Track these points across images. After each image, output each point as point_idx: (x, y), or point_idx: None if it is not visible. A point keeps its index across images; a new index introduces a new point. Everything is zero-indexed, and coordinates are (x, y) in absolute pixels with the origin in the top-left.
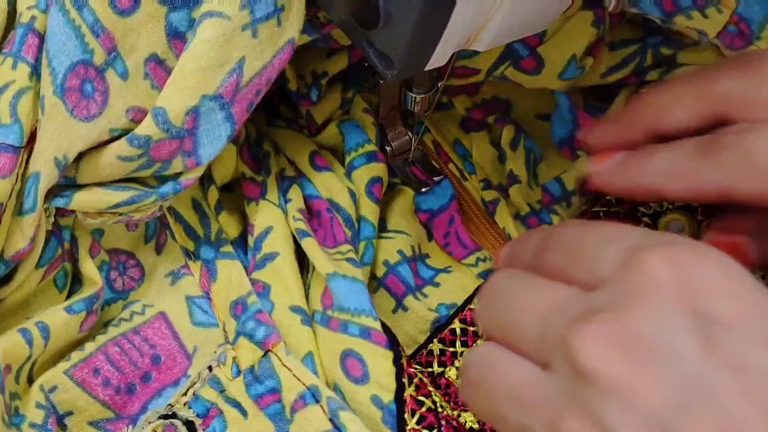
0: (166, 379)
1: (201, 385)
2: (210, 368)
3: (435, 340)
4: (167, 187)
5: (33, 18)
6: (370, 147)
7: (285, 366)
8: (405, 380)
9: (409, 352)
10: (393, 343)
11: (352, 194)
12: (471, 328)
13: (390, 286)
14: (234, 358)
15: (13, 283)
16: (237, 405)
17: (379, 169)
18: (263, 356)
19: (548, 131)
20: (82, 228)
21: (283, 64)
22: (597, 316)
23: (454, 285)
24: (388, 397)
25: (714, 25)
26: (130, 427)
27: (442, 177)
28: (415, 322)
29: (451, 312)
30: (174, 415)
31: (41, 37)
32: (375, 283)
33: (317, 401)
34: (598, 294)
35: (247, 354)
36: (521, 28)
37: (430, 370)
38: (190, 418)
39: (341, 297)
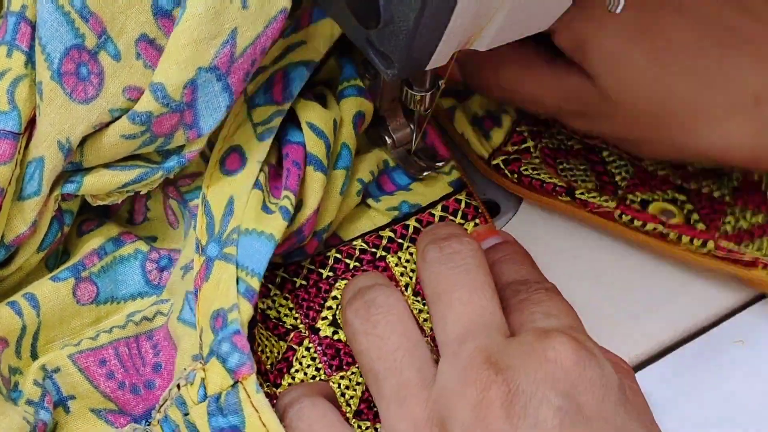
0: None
1: (170, 403)
2: (178, 386)
3: (387, 228)
4: (172, 162)
5: (24, 6)
6: (363, 83)
7: (252, 405)
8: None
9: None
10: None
11: (335, 123)
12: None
13: (380, 187)
14: (202, 379)
15: (12, 266)
16: None
17: (366, 105)
18: (232, 387)
19: None
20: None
21: (276, 33)
22: (496, 369)
23: (424, 190)
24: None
25: None
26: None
27: (443, 163)
28: (374, 218)
29: (413, 211)
30: None
31: (33, 25)
32: (360, 186)
33: None
34: (512, 341)
35: (217, 379)
36: (522, 27)
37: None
38: None
39: (245, 254)
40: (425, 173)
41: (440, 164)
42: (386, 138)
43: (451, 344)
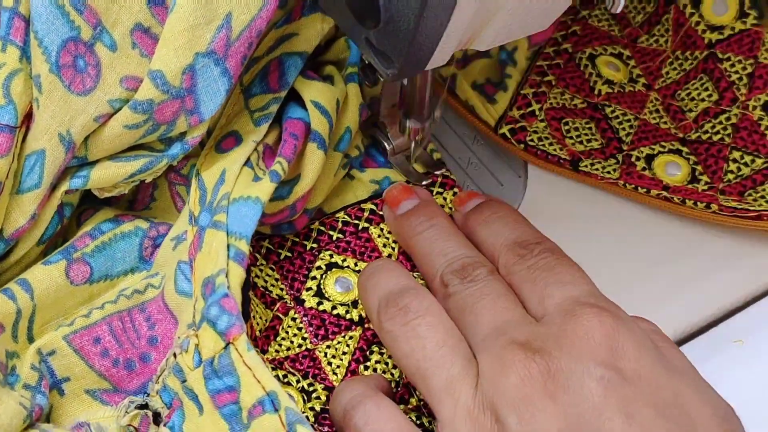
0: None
1: (167, 373)
2: (174, 355)
3: (369, 201)
4: (175, 149)
5: (17, 1)
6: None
7: (245, 364)
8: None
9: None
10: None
11: (338, 102)
12: None
13: (363, 164)
14: (196, 345)
15: (11, 259)
16: (195, 398)
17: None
18: (224, 348)
19: None
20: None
21: (271, 15)
22: (532, 350)
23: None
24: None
25: None
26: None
27: (442, 171)
28: (356, 189)
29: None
30: (147, 405)
31: (26, 20)
32: (345, 160)
33: (276, 410)
34: (541, 326)
35: (209, 343)
36: (522, 27)
37: (346, 228)
38: (158, 409)
39: (233, 221)
40: (423, 182)
41: (439, 172)
42: (385, 144)
43: (484, 341)
